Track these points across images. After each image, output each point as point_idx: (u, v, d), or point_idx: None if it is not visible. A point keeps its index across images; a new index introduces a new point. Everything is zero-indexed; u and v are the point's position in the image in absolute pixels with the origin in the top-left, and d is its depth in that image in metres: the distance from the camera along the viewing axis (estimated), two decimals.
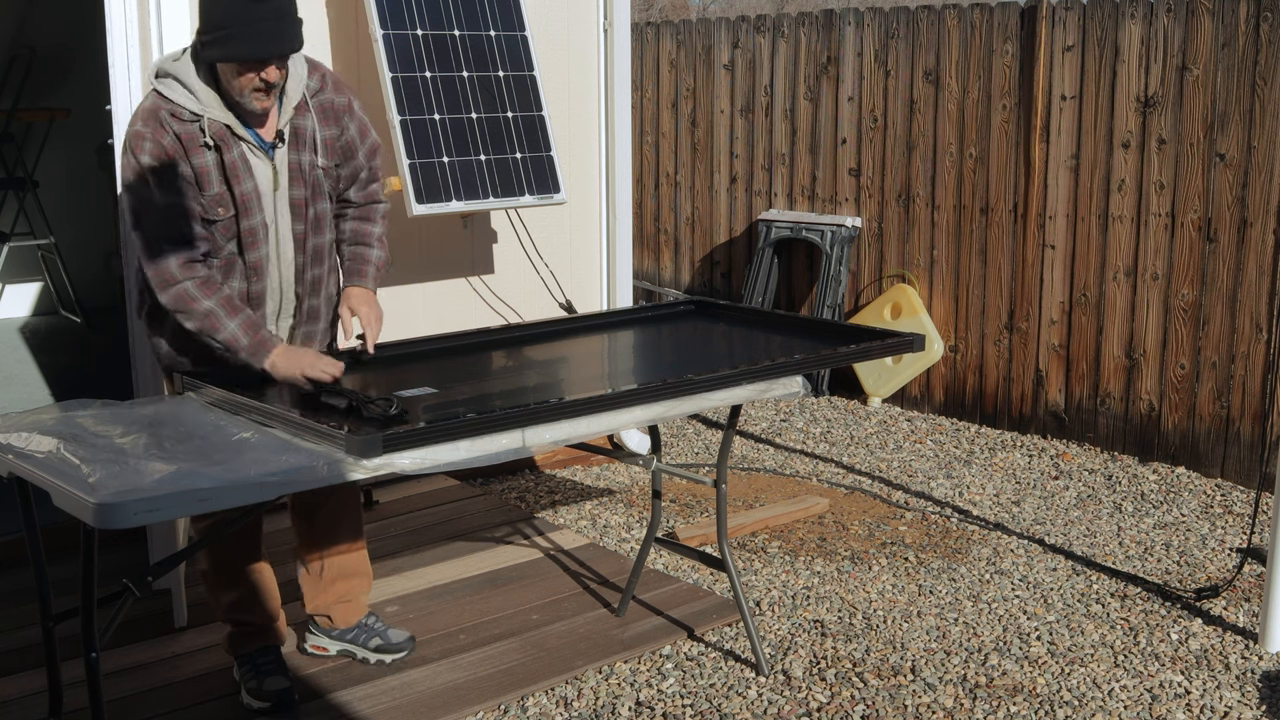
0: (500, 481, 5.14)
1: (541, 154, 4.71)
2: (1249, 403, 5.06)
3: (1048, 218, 5.67)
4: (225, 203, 2.97)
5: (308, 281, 3.19)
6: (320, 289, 3.24)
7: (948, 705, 3.34)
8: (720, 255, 7.29)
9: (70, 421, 2.75)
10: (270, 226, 3.05)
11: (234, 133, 2.97)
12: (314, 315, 3.25)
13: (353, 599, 3.51)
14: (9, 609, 3.82)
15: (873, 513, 4.82)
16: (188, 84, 2.93)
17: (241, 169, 2.98)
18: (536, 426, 2.77)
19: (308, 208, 3.12)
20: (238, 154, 2.97)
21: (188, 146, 2.92)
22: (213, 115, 2.94)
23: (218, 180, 2.95)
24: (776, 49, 6.78)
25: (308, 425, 2.61)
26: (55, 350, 6.64)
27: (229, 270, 3.05)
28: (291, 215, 3.09)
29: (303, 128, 3.09)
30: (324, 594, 3.49)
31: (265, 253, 3.07)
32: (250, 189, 2.99)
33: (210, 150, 2.93)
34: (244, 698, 3.28)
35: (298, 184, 3.09)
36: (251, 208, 3.00)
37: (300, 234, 3.12)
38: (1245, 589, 4.06)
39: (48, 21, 7.17)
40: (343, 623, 3.51)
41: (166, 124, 2.91)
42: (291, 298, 3.19)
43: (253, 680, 3.26)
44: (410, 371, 3.22)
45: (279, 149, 3.05)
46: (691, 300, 4.02)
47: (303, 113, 3.09)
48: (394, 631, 3.54)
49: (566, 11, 5.17)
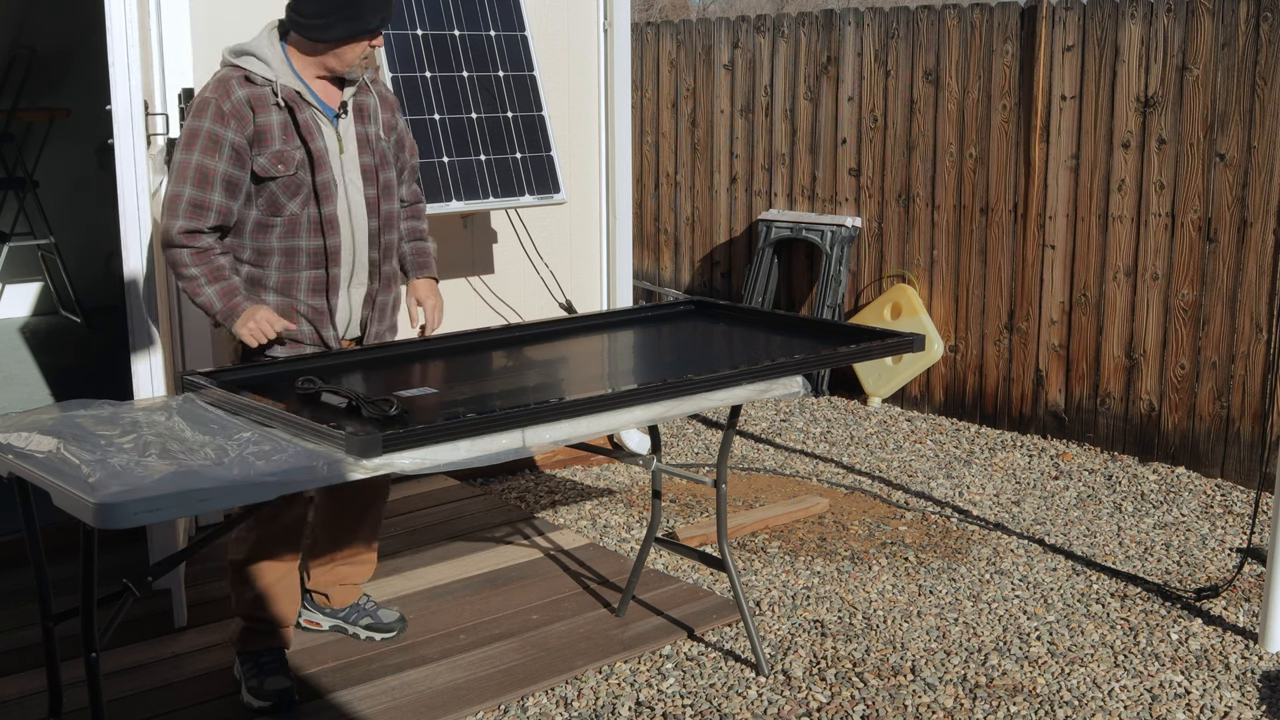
0: (500, 481, 5.14)
1: (541, 154, 4.71)
2: (1249, 403, 5.07)
3: (1048, 218, 5.67)
4: (288, 160, 3.18)
5: (382, 246, 3.38)
6: (391, 256, 3.44)
7: (948, 705, 3.34)
8: (720, 255, 7.29)
9: (70, 421, 2.75)
10: (340, 186, 3.27)
11: (304, 97, 3.23)
12: (388, 283, 3.44)
13: (354, 584, 3.66)
14: (9, 609, 3.82)
15: (873, 513, 4.82)
16: (262, 56, 3.20)
17: (314, 128, 3.22)
18: (536, 426, 2.77)
19: (378, 174, 3.35)
20: (309, 115, 3.22)
21: (255, 106, 3.16)
22: (285, 81, 3.20)
23: (280, 138, 3.17)
24: (776, 49, 6.78)
25: (308, 425, 2.61)
26: (55, 350, 6.64)
27: (292, 228, 3.23)
28: (363, 181, 3.32)
29: (366, 104, 3.37)
30: (329, 574, 3.62)
31: (336, 209, 3.27)
32: (322, 147, 3.23)
33: (280, 110, 3.18)
34: (244, 695, 3.29)
35: (366, 152, 3.33)
36: (324, 164, 3.23)
37: (373, 199, 3.34)
38: (1245, 589, 4.06)
39: (48, 21, 7.18)
40: (339, 603, 3.65)
41: (235, 88, 3.15)
42: (365, 262, 3.35)
43: (254, 679, 3.28)
44: (410, 372, 3.22)
45: (343, 119, 3.30)
46: (691, 300, 4.02)
47: (365, 92, 3.37)
48: (384, 611, 3.68)
49: (566, 11, 5.18)
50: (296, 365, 3.16)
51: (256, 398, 2.82)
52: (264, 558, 3.29)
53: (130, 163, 3.46)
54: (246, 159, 3.15)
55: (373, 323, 3.40)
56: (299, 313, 3.27)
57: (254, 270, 3.24)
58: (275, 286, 3.24)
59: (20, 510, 2.71)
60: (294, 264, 3.24)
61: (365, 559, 3.64)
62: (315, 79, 3.24)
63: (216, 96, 3.13)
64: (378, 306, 3.40)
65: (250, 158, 3.15)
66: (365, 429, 2.59)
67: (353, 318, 3.37)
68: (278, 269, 3.23)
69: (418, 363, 3.32)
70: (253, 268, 3.24)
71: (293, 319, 3.26)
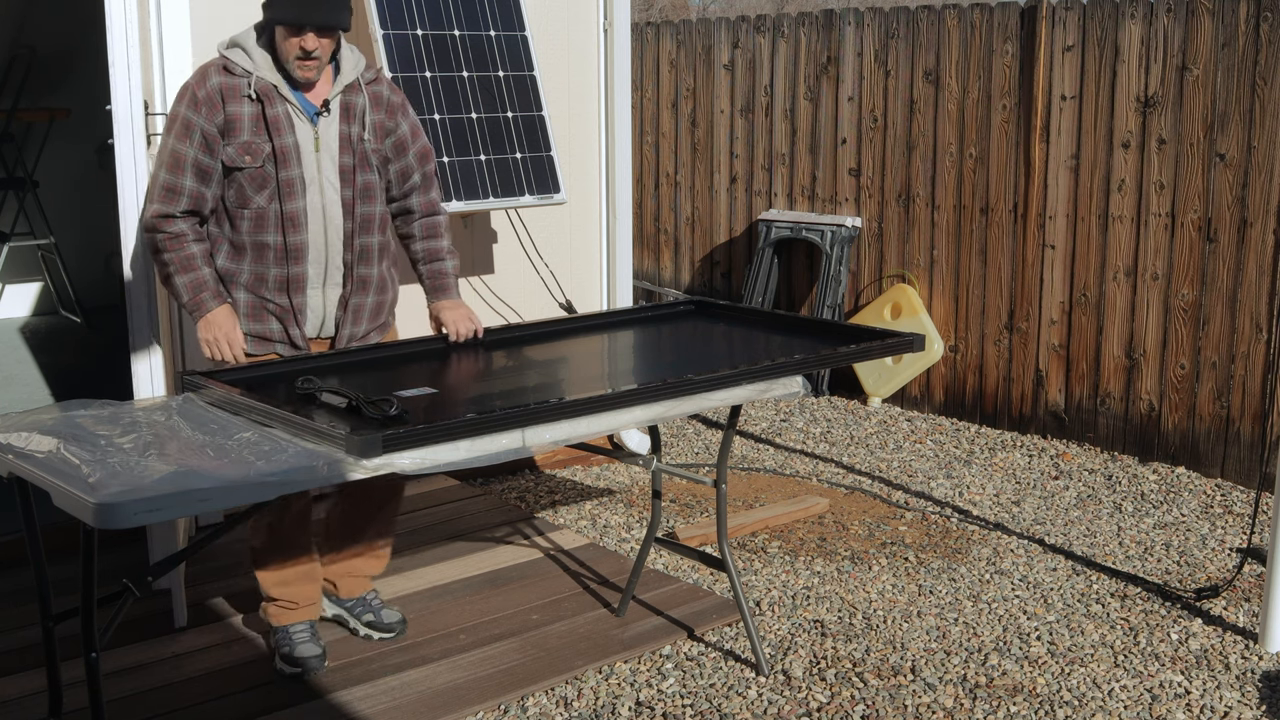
0: (500, 481, 5.14)
1: (541, 154, 4.71)
2: (1249, 403, 5.06)
3: (1048, 218, 5.67)
4: (255, 152, 3.21)
5: (356, 248, 3.36)
6: (370, 259, 3.40)
7: (948, 705, 3.34)
8: (720, 255, 7.29)
9: (70, 421, 2.75)
10: (312, 184, 3.27)
11: (279, 92, 3.24)
12: (363, 286, 3.40)
13: (364, 576, 3.69)
14: (9, 609, 3.82)
15: (873, 513, 4.82)
16: (246, 48, 3.26)
17: (284, 124, 3.24)
18: (536, 427, 2.77)
19: (355, 175, 3.33)
20: (281, 111, 3.24)
21: (226, 95, 3.21)
22: (261, 74, 3.23)
23: (250, 129, 3.21)
24: (776, 49, 6.78)
25: (308, 426, 2.61)
26: (55, 350, 6.64)
27: (260, 223, 3.25)
28: (340, 181, 3.31)
29: (353, 104, 3.34)
30: (339, 564, 3.65)
31: (303, 206, 3.27)
32: (290, 143, 3.24)
33: (251, 102, 3.21)
34: (277, 663, 3.45)
35: (345, 152, 3.32)
36: (290, 160, 3.24)
37: (349, 200, 3.32)
38: (1245, 589, 4.06)
39: (48, 21, 7.17)
40: (345, 594, 3.67)
41: (212, 76, 3.22)
42: (339, 264, 3.35)
43: (286, 646, 3.43)
44: (410, 372, 3.23)
45: (324, 117, 3.29)
46: (691, 300, 4.02)
47: (355, 91, 3.35)
48: (387, 611, 3.69)
49: (566, 11, 5.17)
50: (295, 365, 3.17)
51: (257, 398, 2.82)
52: (281, 542, 3.41)
53: (130, 163, 3.47)
54: (216, 146, 3.21)
55: (346, 324, 3.39)
56: (268, 310, 3.31)
57: (229, 265, 3.29)
58: (246, 284, 3.29)
59: (20, 510, 2.71)
60: (263, 260, 3.28)
61: (378, 553, 3.69)
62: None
63: (194, 83, 3.22)
64: (351, 309, 3.39)
65: (220, 146, 3.21)
66: (365, 430, 2.59)
67: (326, 318, 3.38)
68: (250, 264, 3.28)
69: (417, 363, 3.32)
70: (228, 263, 3.29)
71: (262, 317, 3.30)
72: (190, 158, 3.19)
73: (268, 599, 3.47)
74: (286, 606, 3.46)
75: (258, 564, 3.45)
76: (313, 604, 3.49)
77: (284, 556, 3.42)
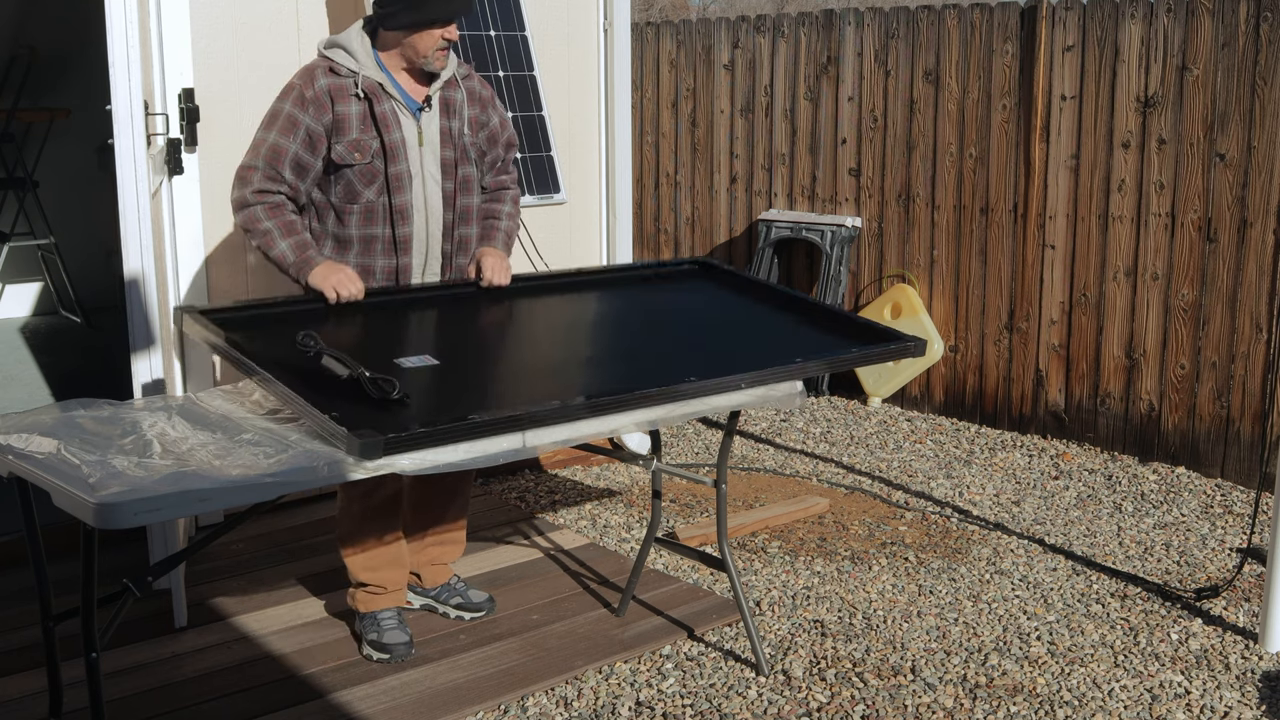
0: (500, 481, 5.15)
1: (541, 154, 4.72)
2: (1249, 403, 5.07)
3: (1048, 218, 5.67)
4: (364, 149, 3.31)
5: (455, 239, 3.49)
6: (468, 250, 3.54)
7: (948, 705, 3.34)
8: (720, 255, 7.29)
9: (70, 421, 2.75)
10: (416, 177, 3.38)
11: (385, 89, 3.35)
12: (462, 275, 3.54)
13: (444, 564, 3.79)
14: (9, 609, 3.82)
15: (873, 513, 4.82)
16: (349, 49, 3.36)
17: (391, 120, 3.35)
18: (537, 429, 2.78)
19: (456, 168, 3.45)
20: (388, 107, 3.35)
21: (335, 95, 3.31)
22: (367, 73, 3.34)
23: (358, 127, 3.31)
24: (776, 49, 6.78)
25: (308, 411, 2.61)
26: (55, 350, 6.64)
27: (369, 217, 3.36)
28: (441, 174, 3.43)
29: (453, 99, 3.47)
30: (420, 555, 3.75)
31: (409, 199, 3.38)
32: (398, 139, 3.35)
33: (359, 101, 3.32)
34: (364, 649, 3.52)
35: (447, 146, 3.43)
36: (399, 155, 3.35)
37: (450, 192, 3.45)
38: (1245, 589, 4.07)
39: (48, 21, 7.17)
40: (430, 583, 3.78)
41: (319, 77, 3.32)
42: (438, 254, 3.47)
43: (374, 633, 3.52)
44: (413, 328, 3.27)
45: (426, 112, 3.41)
46: (696, 261, 4.05)
47: (453, 87, 3.47)
48: (474, 592, 3.80)
49: (566, 11, 5.18)
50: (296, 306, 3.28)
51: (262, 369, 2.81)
52: (367, 530, 3.50)
53: (130, 163, 3.46)
54: (320, 146, 3.30)
55: None
56: None
57: (334, 259, 3.38)
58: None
59: (20, 510, 2.71)
60: (370, 252, 3.38)
61: (454, 539, 3.78)
62: (401, 71, 3.39)
63: (301, 83, 3.31)
64: None
65: (324, 145, 3.30)
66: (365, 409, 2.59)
67: None
68: (356, 256, 3.38)
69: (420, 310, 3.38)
70: (333, 256, 3.38)
71: None
72: (291, 152, 3.28)
73: (356, 584, 3.55)
74: (374, 592, 3.54)
75: (345, 547, 3.52)
76: (399, 589, 3.58)
77: (372, 540, 3.50)
